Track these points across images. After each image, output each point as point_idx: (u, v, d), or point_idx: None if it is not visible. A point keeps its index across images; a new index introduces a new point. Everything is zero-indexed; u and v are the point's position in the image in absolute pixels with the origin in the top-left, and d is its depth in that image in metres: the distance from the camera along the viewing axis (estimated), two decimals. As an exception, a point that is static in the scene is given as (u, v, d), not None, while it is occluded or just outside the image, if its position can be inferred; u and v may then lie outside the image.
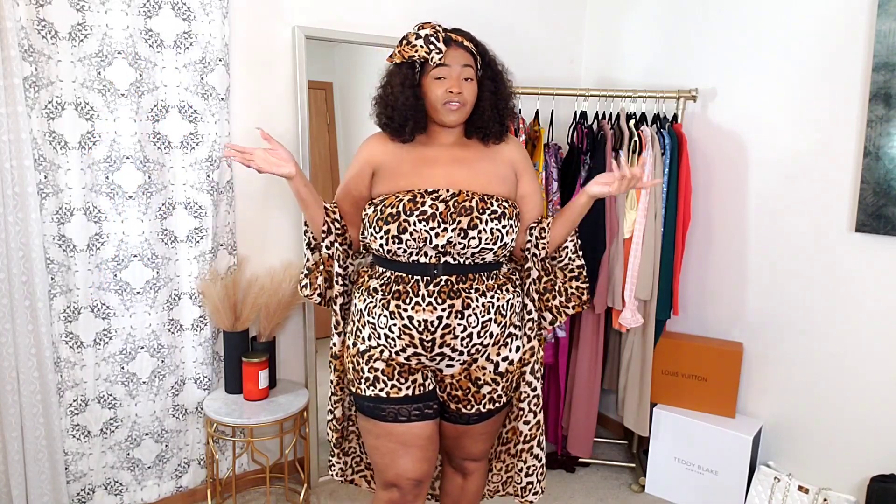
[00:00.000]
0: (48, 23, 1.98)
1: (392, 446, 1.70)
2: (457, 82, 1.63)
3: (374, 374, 1.68)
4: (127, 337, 2.27)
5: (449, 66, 1.62)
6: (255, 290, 2.38)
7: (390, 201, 1.63)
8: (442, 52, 1.61)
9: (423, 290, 1.62)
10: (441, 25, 1.65)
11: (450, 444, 1.85)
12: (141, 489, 2.39)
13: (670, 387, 2.68)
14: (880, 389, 2.30)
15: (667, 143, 2.54)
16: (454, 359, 1.68)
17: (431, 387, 1.73)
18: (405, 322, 1.62)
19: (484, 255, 1.64)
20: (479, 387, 1.72)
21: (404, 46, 1.64)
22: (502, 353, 1.72)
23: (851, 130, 2.30)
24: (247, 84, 2.40)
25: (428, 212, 1.60)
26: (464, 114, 1.66)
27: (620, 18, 3.08)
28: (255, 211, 2.49)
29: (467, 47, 1.65)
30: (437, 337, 1.62)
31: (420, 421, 1.70)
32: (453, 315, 1.61)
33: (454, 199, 1.62)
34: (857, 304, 2.33)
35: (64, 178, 2.09)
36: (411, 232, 1.59)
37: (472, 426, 1.78)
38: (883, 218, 2.23)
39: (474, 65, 1.67)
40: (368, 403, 1.70)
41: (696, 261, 2.82)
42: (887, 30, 2.16)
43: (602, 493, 2.71)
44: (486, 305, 1.65)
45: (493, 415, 1.78)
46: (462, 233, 1.60)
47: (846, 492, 2.39)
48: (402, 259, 1.63)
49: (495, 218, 1.63)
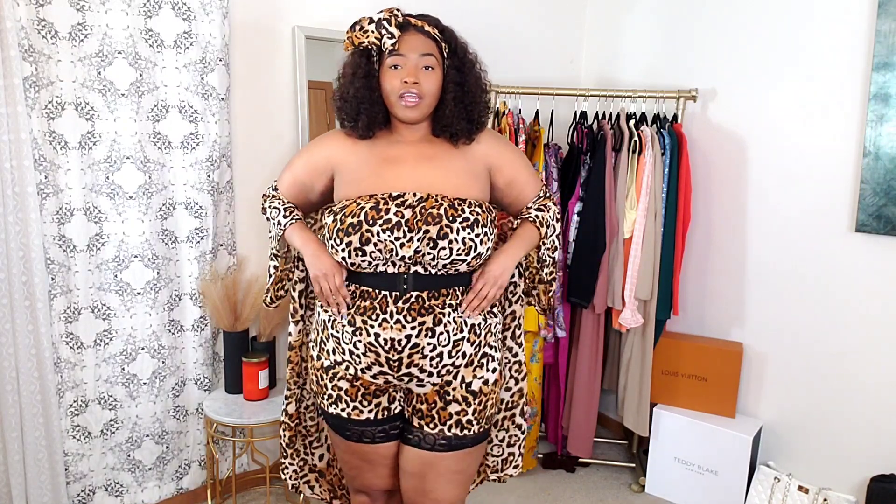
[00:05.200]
0: (48, 23, 1.98)
1: (358, 462, 1.65)
2: (412, 71, 1.46)
3: (337, 393, 1.58)
4: (127, 338, 2.27)
5: (404, 55, 1.46)
6: (255, 291, 2.38)
7: (351, 209, 1.47)
8: (395, 38, 1.45)
9: (392, 306, 1.48)
10: (401, 10, 1.50)
11: (413, 484, 1.60)
12: (141, 490, 2.38)
13: (670, 387, 2.68)
14: (881, 389, 2.30)
15: (667, 143, 2.55)
16: (423, 380, 1.54)
17: (398, 410, 1.62)
18: (371, 339, 1.49)
19: (457, 266, 1.49)
20: (447, 403, 1.55)
21: (356, 32, 1.49)
22: (478, 374, 1.57)
23: (852, 130, 2.30)
24: (247, 84, 2.39)
25: (392, 220, 1.45)
26: (423, 108, 1.50)
27: (620, 18, 3.08)
28: (255, 211, 2.48)
29: (428, 32, 1.48)
30: (403, 356, 1.49)
31: (385, 442, 1.62)
32: (423, 333, 1.48)
33: (421, 205, 1.46)
34: (857, 305, 2.33)
35: (64, 179, 2.08)
36: (375, 243, 1.44)
37: (439, 455, 1.56)
38: (883, 218, 2.23)
39: (437, 53, 1.50)
40: (332, 420, 1.62)
41: (696, 261, 2.82)
42: (887, 29, 2.16)
43: (602, 493, 2.71)
44: (458, 322, 1.52)
45: (464, 446, 1.58)
46: (431, 243, 1.45)
47: (846, 492, 2.39)
48: (368, 270, 1.50)
49: (467, 226, 1.47)
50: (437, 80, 1.50)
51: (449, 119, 1.53)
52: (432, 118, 1.56)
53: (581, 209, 2.60)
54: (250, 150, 2.44)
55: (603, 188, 2.53)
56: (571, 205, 2.62)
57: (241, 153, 2.42)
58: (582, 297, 2.58)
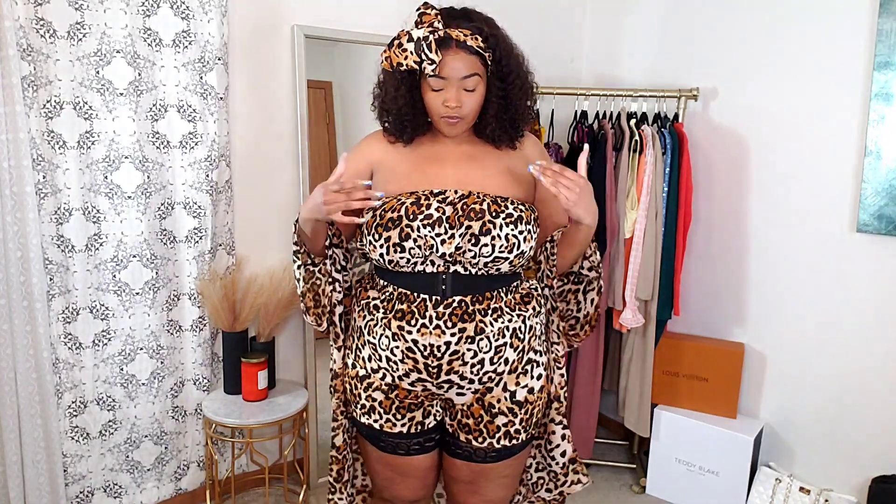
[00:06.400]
0: (46, 22, 1.97)
1: (390, 474, 1.61)
2: (455, 96, 1.41)
3: (371, 404, 1.53)
4: (126, 338, 2.26)
5: (446, 78, 1.40)
6: (254, 291, 2.37)
7: (391, 204, 1.43)
8: (436, 63, 1.38)
9: (431, 311, 1.43)
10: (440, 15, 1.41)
11: (463, 489, 1.60)
12: (140, 491, 2.38)
13: (671, 387, 2.67)
14: (882, 390, 2.29)
15: (668, 142, 2.54)
16: (464, 387, 1.48)
17: (432, 425, 1.56)
18: (409, 345, 1.44)
19: (499, 266, 1.44)
20: (494, 416, 1.50)
21: (395, 50, 1.42)
22: (522, 382, 1.50)
23: (853, 130, 2.29)
24: (246, 83, 2.39)
25: (434, 215, 1.41)
26: (464, 126, 1.48)
27: (621, 17, 3.07)
28: (254, 211, 2.48)
29: (471, 48, 1.39)
30: (443, 363, 1.44)
31: (420, 454, 1.58)
32: (463, 340, 1.42)
33: (463, 202, 1.43)
34: (858, 305, 2.33)
35: (62, 178, 2.08)
36: (415, 238, 1.40)
37: (489, 465, 1.55)
38: (884, 218, 2.22)
39: (480, 67, 1.42)
40: (366, 430, 1.58)
41: (696, 261, 2.81)
42: (889, 28, 2.15)
43: (602, 493, 2.70)
44: (500, 329, 1.45)
45: (513, 453, 1.55)
46: (473, 239, 1.40)
47: (847, 493, 2.38)
48: (406, 269, 1.45)
49: (511, 222, 1.42)
50: (479, 97, 1.45)
51: (493, 132, 1.51)
52: (475, 125, 1.53)
53: (581, 209, 2.59)
54: (249, 150, 2.44)
55: (603, 188, 2.53)
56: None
57: (239, 153, 2.42)
58: (582, 298, 2.57)
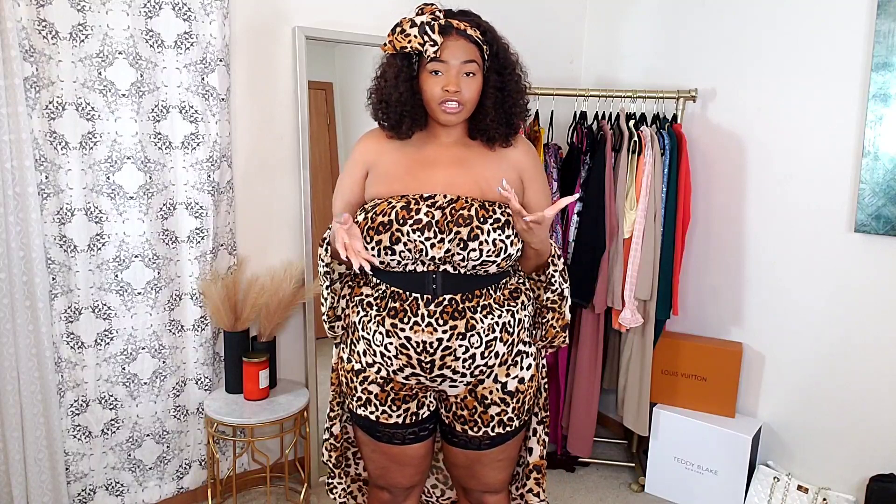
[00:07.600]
0: (49, 23, 1.98)
1: (385, 462, 1.66)
2: (455, 80, 1.44)
3: (367, 396, 1.58)
4: (128, 337, 2.27)
5: (446, 62, 1.44)
6: (255, 290, 2.38)
7: (382, 208, 1.47)
8: (437, 45, 1.42)
9: (423, 309, 1.47)
10: (441, 10, 1.47)
11: (463, 473, 1.68)
12: (142, 490, 2.39)
13: (670, 386, 2.68)
14: (880, 389, 2.30)
15: (666, 143, 2.55)
16: (456, 380, 1.54)
17: (426, 415, 1.62)
18: (402, 342, 1.48)
19: (487, 268, 1.48)
20: (487, 406, 1.56)
21: (397, 35, 1.45)
22: (512, 373, 1.57)
23: (851, 130, 2.30)
24: (247, 84, 2.40)
25: (423, 220, 1.44)
26: (464, 114, 1.49)
27: (620, 18, 3.08)
28: (256, 211, 2.49)
29: (470, 36, 1.46)
30: (436, 358, 1.49)
31: (415, 443, 1.63)
32: (455, 337, 1.47)
33: (451, 207, 1.46)
34: (856, 305, 2.34)
35: (65, 179, 2.09)
36: (405, 242, 1.44)
37: (485, 452, 1.62)
38: (882, 218, 2.23)
39: (479, 57, 1.47)
40: (362, 422, 1.63)
41: (695, 261, 2.82)
42: (887, 29, 2.16)
43: (602, 492, 2.72)
44: (490, 325, 1.50)
45: (507, 439, 1.62)
46: (461, 244, 1.44)
47: (846, 491, 2.39)
48: (398, 269, 1.49)
49: (498, 227, 1.46)
50: (477, 85, 1.48)
51: (489, 124, 1.52)
52: (470, 120, 1.55)
53: (581, 209, 2.60)
54: (251, 151, 2.45)
55: (603, 188, 2.54)
56: (571, 205, 2.62)
57: (241, 153, 2.43)
58: (582, 297, 2.58)
